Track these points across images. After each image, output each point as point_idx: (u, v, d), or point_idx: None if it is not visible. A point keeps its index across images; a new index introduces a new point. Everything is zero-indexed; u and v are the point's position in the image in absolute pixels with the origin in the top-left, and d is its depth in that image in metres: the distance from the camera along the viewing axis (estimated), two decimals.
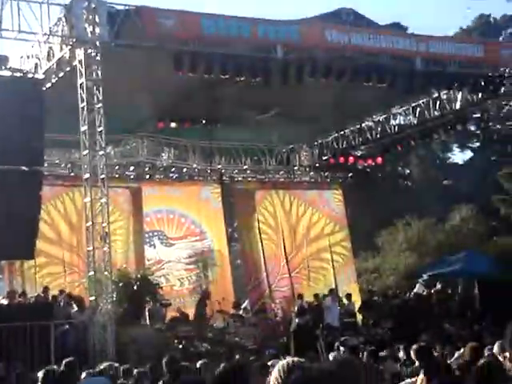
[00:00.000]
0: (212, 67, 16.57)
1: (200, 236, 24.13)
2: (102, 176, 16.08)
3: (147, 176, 23.37)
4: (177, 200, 23.97)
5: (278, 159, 26.19)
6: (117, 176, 22.11)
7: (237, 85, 17.56)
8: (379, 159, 25.75)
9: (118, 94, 16.61)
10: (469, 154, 47.11)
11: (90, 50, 15.57)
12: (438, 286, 22.55)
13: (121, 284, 17.70)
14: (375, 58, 18.21)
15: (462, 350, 9.39)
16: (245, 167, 25.48)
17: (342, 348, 12.31)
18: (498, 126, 42.63)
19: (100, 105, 15.72)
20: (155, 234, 23.22)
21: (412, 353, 8.35)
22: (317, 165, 26.36)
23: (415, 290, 23.38)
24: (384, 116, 23.60)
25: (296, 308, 20.41)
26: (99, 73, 15.66)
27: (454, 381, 6.00)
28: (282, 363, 3.06)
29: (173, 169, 23.86)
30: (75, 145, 17.55)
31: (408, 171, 45.37)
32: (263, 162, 25.89)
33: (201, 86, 17.69)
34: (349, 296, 23.07)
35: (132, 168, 22.87)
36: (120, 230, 22.01)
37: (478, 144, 45.49)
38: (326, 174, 26.91)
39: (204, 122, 21.45)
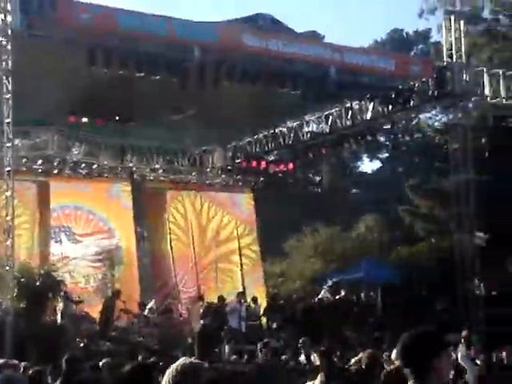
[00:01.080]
0: (127, 64, 16.41)
1: (108, 233, 23.82)
2: (8, 168, 15.70)
3: (56, 171, 22.89)
4: (85, 196, 23.59)
5: (190, 160, 26.14)
6: (24, 169, 21.56)
7: (153, 84, 17.43)
8: (291, 165, 26.05)
9: (28, 85, 16.23)
10: (377, 164, 48.32)
11: (0, 39, 15.18)
12: (342, 292, 22.99)
13: (23, 279, 17.28)
14: (291, 64, 18.43)
15: (360, 355, 9.60)
16: (157, 166, 25.30)
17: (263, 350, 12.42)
18: (406, 138, 43.87)
19: (9, 95, 15.34)
20: (62, 229, 22.78)
21: (314, 356, 8.52)
22: (229, 167, 26.44)
23: (320, 296, 23.77)
24: (297, 123, 23.89)
25: (202, 309, 20.43)
26: (9, 63, 15.27)
27: None
28: (176, 364, 3.08)
29: (83, 165, 23.46)
30: None
31: (318, 178, 46.04)
32: (176, 163, 25.78)
33: (116, 83, 17.47)
34: (255, 299, 23.22)
35: (40, 162, 22.35)
36: (25, 225, 21.51)
37: (386, 155, 46.67)
38: (238, 177, 27.04)
39: (118, 118, 21.19)
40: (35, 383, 6.68)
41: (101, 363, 9.49)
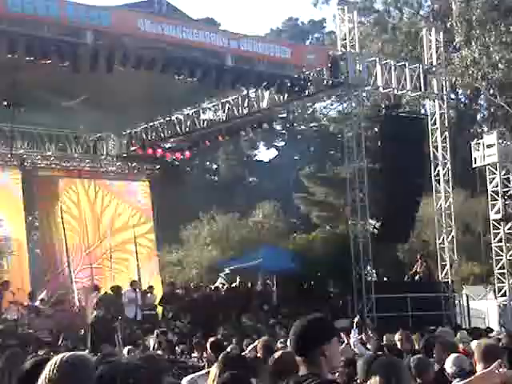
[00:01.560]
0: (16, 48, 15.80)
1: None
2: None
3: None
4: None
5: (84, 147, 25.55)
6: None
7: (43, 68, 16.87)
8: (187, 153, 25.89)
9: None
10: (274, 153, 48.77)
11: None
12: (238, 280, 23.07)
13: None
14: (187, 51, 18.26)
15: (255, 343, 9.60)
16: (49, 153, 24.57)
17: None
18: (302, 127, 44.50)
19: None
20: None
21: (208, 346, 8.46)
22: (124, 155, 26.03)
23: (216, 284, 23.78)
24: (194, 110, 23.72)
25: (95, 300, 20.02)
26: None
27: (245, 372, 6.11)
28: (54, 359, 2.92)
29: None
30: None
31: (215, 166, 46.11)
32: (69, 150, 25.13)
33: (4, 67, 16.80)
34: (151, 288, 22.98)
35: None
36: None
37: (282, 143, 47.18)
38: (134, 164, 26.63)
39: (6, 103, 20.38)
40: None
41: None
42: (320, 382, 3.38)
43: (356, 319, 13.02)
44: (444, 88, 22.52)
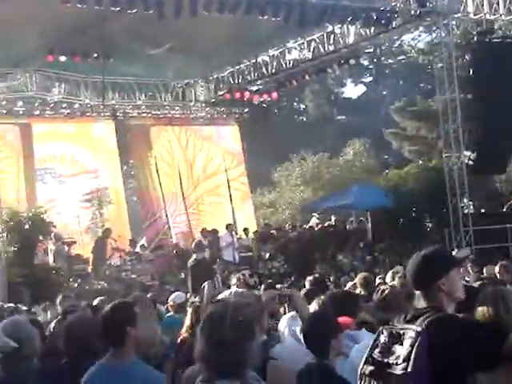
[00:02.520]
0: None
1: (94, 173, 23.66)
2: None
3: (37, 112, 22.57)
4: (69, 136, 23.33)
5: (173, 94, 25.81)
6: (4, 112, 21.25)
7: (129, 18, 17.03)
8: (274, 94, 25.79)
9: (3, 26, 15.82)
10: (362, 89, 48.05)
11: None
12: (332, 218, 23.08)
13: (11, 223, 17.22)
14: None
15: (354, 280, 9.64)
16: (139, 103, 24.96)
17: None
18: (389, 61, 43.51)
19: None
20: (47, 171, 22.58)
21: (307, 283, 8.51)
22: (213, 100, 26.17)
23: (310, 224, 23.86)
24: (279, 50, 23.52)
25: (194, 243, 20.46)
26: None
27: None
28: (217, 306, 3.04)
29: (64, 104, 23.12)
30: None
31: (303, 106, 45.84)
32: (158, 98, 25.46)
33: (92, 19, 17.05)
34: (246, 230, 23.34)
35: (21, 103, 22.01)
36: (10, 168, 21.36)
37: (370, 78, 46.37)
38: (223, 109, 26.80)
39: (96, 55, 20.76)
40: (36, 326, 6.66)
41: (95, 302, 9.46)
42: (438, 317, 3.33)
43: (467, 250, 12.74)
44: None
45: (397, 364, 3.13)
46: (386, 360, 3.18)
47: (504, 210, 22.02)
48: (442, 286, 3.49)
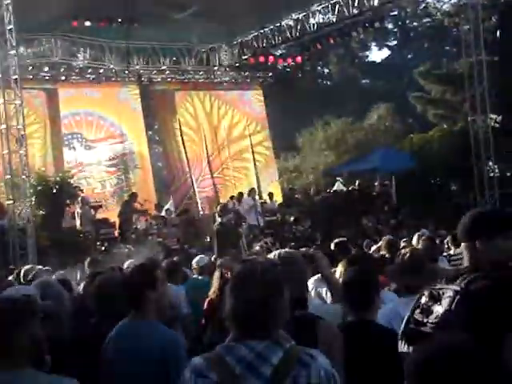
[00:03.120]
0: None
1: (120, 138, 23.80)
2: (15, 77, 15.58)
3: (63, 77, 22.67)
4: (95, 102, 23.43)
5: (197, 59, 25.75)
6: (31, 77, 21.33)
7: None
8: (299, 58, 25.68)
9: None
10: (386, 53, 47.58)
11: None
12: (357, 182, 23.09)
13: (39, 187, 17.47)
14: None
15: (379, 244, 9.72)
16: (163, 68, 24.94)
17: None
18: (414, 24, 42.99)
19: (8, 1, 15.03)
20: (74, 136, 22.75)
21: (332, 246, 8.59)
22: (237, 64, 26.09)
23: (335, 188, 23.90)
24: (303, 14, 23.36)
25: (219, 207, 20.62)
26: None
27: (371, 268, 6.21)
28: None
29: (89, 70, 23.18)
30: None
31: (327, 70, 45.53)
32: (182, 63, 25.43)
33: None
34: (270, 195, 23.45)
35: (46, 69, 22.07)
36: (37, 134, 21.52)
37: (395, 42, 45.90)
38: (247, 73, 26.73)
39: (120, 21, 20.79)
40: (67, 287, 6.85)
41: (125, 265, 9.64)
42: (477, 276, 3.33)
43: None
44: None
45: (434, 323, 3.16)
46: (425, 320, 3.21)
47: None
48: (482, 246, 3.50)
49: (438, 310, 3.16)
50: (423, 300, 3.25)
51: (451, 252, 10.13)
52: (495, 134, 19.78)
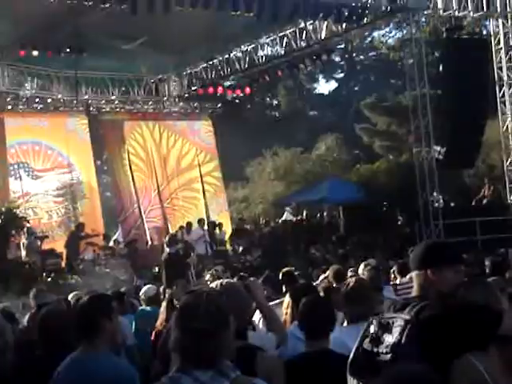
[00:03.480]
0: None
1: (68, 168, 23.60)
2: None
3: (9, 106, 22.47)
4: (42, 131, 23.25)
5: (146, 89, 25.83)
6: None
7: (102, 12, 17.05)
8: (247, 90, 25.89)
9: None
10: (334, 85, 48.28)
11: None
12: (305, 213, 23.30)
13: None
14: None
15: (326, 273, 9.82)
16: (113, 98, 24.95)
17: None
18: (361, 57, 43.76)
19: None
20: (21, 166, 22.47)
21: (280, 276, 8.66)
22: (186, 95, 26.22)
23: (283, 218, 24.06)
24: (252, 46, 23.64)
25: (167, 237, 20.56)
26: None
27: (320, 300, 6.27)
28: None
29: (37, 99, 23.04)
30: None
31: (276, 102, 45.97)
32: (131, 93, 25.46)
33: (65, 13, 17.03)
34: (220, 225, 23.47)
35: None
36: None
37: (342, 75, 46.64)
38: (196, 104, 26.87)
39: (69, 50, 20.69)
40: (9, 319, 6.76)
41: (70, 296, 9.54)
42: (427, 305, 3.39)
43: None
44: (508, 6, 21.80)
45: (386, 353, 3.14)
46: (375, 350, 3.23)
47: (473, 203, 22.39)
48: (432, 276, 3.60)
49: (389, 339, 3.20)
50: (372, 329, 3.29)
51: (397, 281, 10.29)
52: (440, 166, 20.20)
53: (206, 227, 22.76)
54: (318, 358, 4.63)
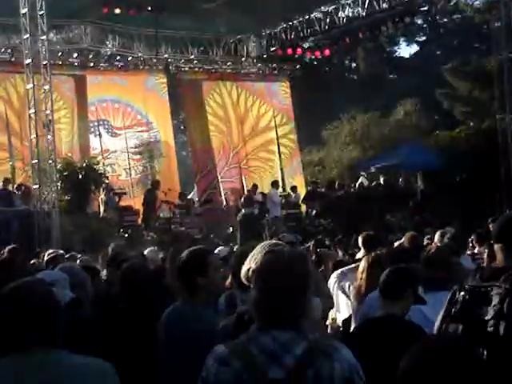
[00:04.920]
0: None
1: (146, 126, 23.89)
2: (45, 62, 15.68)
3: (91, 64, 22.79)
4: (122, 89, 23.54)
5: (225, 50, 25.77)
6: (60, 63, 21.46)
7: None
8: (327, 51, 25.58)
9: None
10: (415, 48, 47.18)
11: None
12: (381, 178, 22.99)
13: (65, 173, 17.60)
14: None
15: (402, 240, 9.66)
16: (192, 57, 25.00)
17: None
18: (444, 20, 42.56)
19: None
20: (100, 123, 22.87)
21: (359, 240, 8.50)
22: (264, 56, 26.07)
23: (358, 182, 23.82)
24: (333, 7, 23.26)
25: (243, 198, 20.67)
26: None
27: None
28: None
29: (118, 57, 23.29)
30: (16, 29, 17.00)
31: (355, 65, 45.30)
32: (210, 52, 25.46)
33: None
34: (294, 188, 23.41)
35: (75, 55, 22.22)
36: (64, 119, 21.63)
37: (424, 38, 45.53)
38: (274, 65, 26.68)
39: (150, 9, 20.82)
40: (91, 272, 6.91)
41: (145, 252, 9.69)
42: None
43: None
44: None
45: (487, 323, 2.99)
46: (471, 318, 3.10)
47: None
48: None
49: (487, 308, 3.06)
50: (461, 298, 3.16)
51: (475, 251, 10.08)
52: None
53: (280, 189, 22.76)
54: (385, 323, 4.54)
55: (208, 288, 4.50)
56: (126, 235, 17.79)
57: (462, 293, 3.16)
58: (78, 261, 9.16)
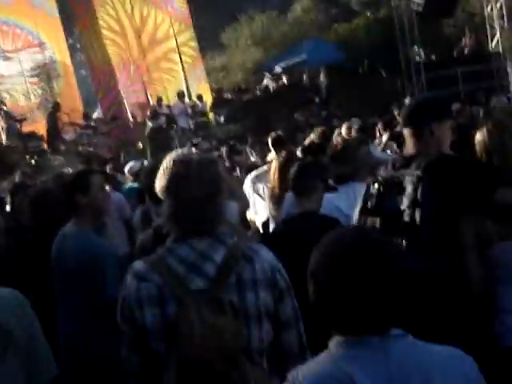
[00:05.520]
0: None
1: (40, 47, 22.84)
2: None
3: None
4: (8, 9, 22.31)
5: None
6: None
7: None
8: None
9: None
10: None
11: None
12: (285, 77, 22.95)
13: None
14: None
15: (311, 135, 9.69)
16: None
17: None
18: None
19: None
20: None
21: (269, 141, 8.49)
22: None
23: (263, 84, 23.74)
24: None
25: (148, 112, 20.35)
26: None
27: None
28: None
29: None
30: None
31: None
32: None
33: None
34: (200, 96, 23.14)
35: None
36: None
37: None
38: None
39: None
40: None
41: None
42: (437, 157, 3.20)
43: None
44: None
45: (403, 212, 3.04)
46: (386, 210, 3.07)
47: (454, 55, 22.12)
48: (435, 131, 3.45)
49: (401, 198, 3.06)
50: (374, 191, 3.14)
51: (383, 138, 10.24)
52: (419, 18, 19.75)
53: (186, 99, 22.48)
54: (301, 220, 4.57)
55: (90, 206, 4.48)
56: (33, 162, 17.31)
57: (376, 185, 3.16)
58: None
